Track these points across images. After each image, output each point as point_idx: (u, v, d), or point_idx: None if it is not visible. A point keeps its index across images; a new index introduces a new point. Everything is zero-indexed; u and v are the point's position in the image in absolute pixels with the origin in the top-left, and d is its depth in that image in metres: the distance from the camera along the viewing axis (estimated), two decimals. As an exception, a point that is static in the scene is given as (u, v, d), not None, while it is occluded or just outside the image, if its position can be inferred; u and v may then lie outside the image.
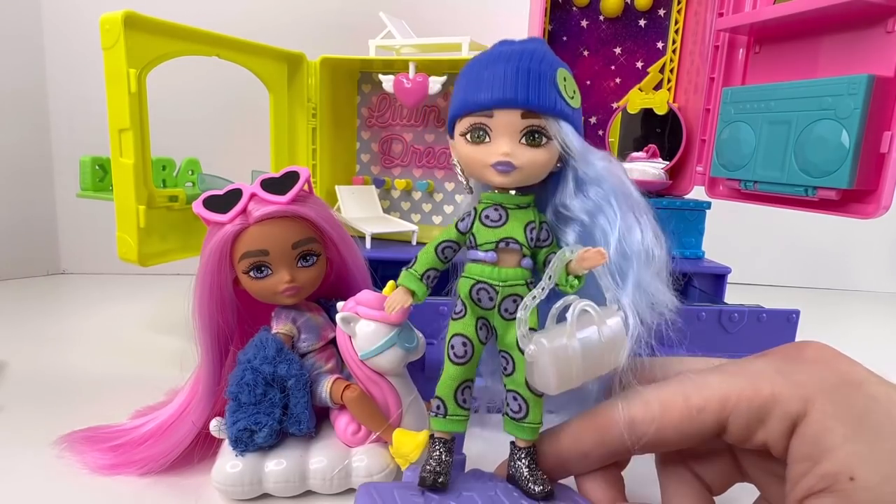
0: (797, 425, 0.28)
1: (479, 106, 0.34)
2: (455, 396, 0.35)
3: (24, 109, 0.98)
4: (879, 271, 1.20)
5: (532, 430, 0.35)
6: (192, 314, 0.43)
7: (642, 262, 0.35)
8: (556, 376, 0.32)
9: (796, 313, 0.57)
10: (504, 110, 0.33)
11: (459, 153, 0.36)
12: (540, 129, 0.34)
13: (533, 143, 0.34)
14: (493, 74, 0.33)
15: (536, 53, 0.34)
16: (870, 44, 0.50)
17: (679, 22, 0.71)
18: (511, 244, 0.35)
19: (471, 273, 0.36)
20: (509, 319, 0.35)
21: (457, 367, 0.35)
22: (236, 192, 0.42)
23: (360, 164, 0.87)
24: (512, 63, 0.33)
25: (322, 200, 0.46)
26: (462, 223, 0.37)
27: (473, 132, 0.34)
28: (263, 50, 0.74)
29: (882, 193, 0.49)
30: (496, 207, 0.36)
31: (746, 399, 0.29)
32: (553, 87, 0.33)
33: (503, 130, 0.34)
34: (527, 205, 0.36)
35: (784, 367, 0.30)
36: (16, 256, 1.01)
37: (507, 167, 0.34)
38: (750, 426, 0.29)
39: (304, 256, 0.43)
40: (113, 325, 0.80)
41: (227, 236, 0.41)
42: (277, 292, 0.43)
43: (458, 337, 0.35)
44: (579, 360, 0.32)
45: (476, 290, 0.35)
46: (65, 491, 0.42)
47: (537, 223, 0.36)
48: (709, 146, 0.66)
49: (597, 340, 0.32)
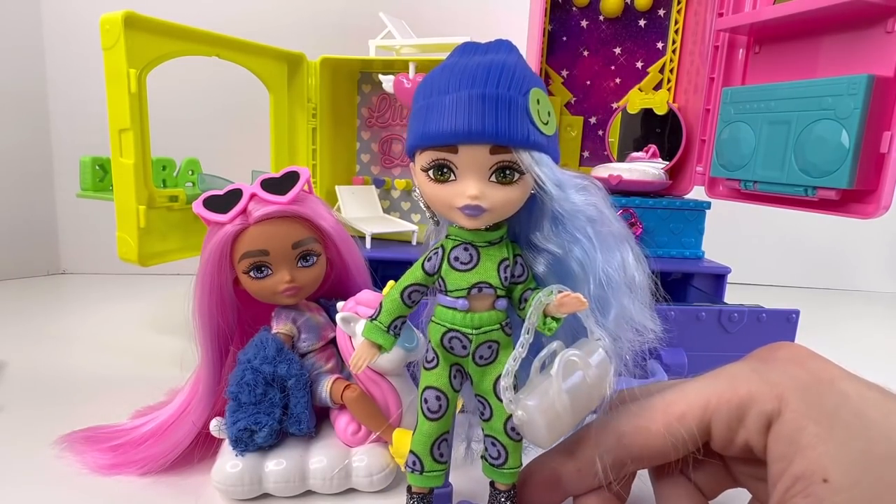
0: (772, 423, 0.28)
1: (442, 139, 0.30)
2: (431, 452, 0.34)
3: (25, 110, 0.98)
4: (879, 271, 1.20)
5: (511, 475, 0.34)
6: (192, 314, 0.43)
7: (624, 291, 0.33)
8: (547, 432, 0.31)
9: (796, 313, 0.57)
10: (470, 146, 0.29)
11: (421, 189, 0.32)
12: (511, 164, 0.30)
13: (504, 181, 0.30)
14: (457, 102, 0.29)
15: (506, 71, 0.29)
16: (870, 44, 0.50)
17: (679, 22, 0.71)
18: (484, 289, 0.32)
19: (441, 319, 0.33)
20: (484, 365, 0.34)
21: (431, 423, 0.34)
22: (236, 192, 0.42)
23: (360, 164, 0.87)
24: (477, 87, 0.29)
25: (322, 200, 0.46)
26: (429, 263, 0.33)
27: (436, 169, 0.31)
28: (263, 50, 0.74)
29: (882, 193, 0.49)
30: (466, 247, 0.33)
31: (726, 401, 0.29)
32: (525, 116, 0.29)
33: (470, 168, 0.30)
34: (499, 239, 0.33)
35: (759, 367, 0.31)
36: (16, 256, 1.01)
37: (476, 211, 0.30)
38: (731, 427, 0.29)
39: (304, 256, 0.43)
40: (113, 325, 0.80)
41: (228, 236, 0.41)
42: (277, 292, 0.43)
43: (431, 390, 0.34)
44: (569, 410, 0.31)
45: (448, 339, 0.33)
46: (64, 491, 0.41)
47: (511, 259, 0.33)
48: (709, 146, 0.66)
49: (583, 384, 0.31)
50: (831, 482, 0.25)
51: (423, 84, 0.31)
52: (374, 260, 0.50)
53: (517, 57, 0.31)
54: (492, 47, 0.31)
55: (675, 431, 0.30)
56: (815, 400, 0.27)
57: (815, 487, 0.25)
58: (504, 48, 0.31)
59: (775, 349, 0.32)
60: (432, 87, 0.30)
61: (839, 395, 0.27)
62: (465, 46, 0.32)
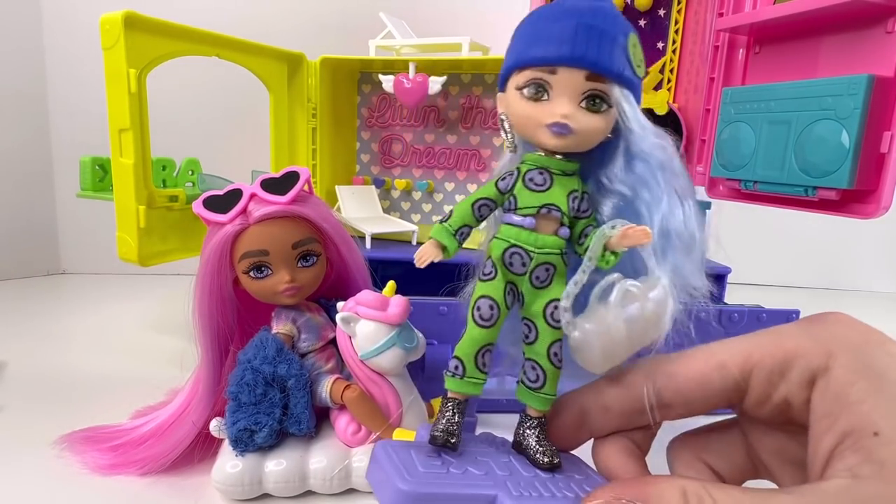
0: (817, 379, 0.28)
1: (543, 60, 0.31)
2: (475, 359, 0.34)
3: (24, 110, 0.98)
4: (879, 271, 1.20)
5: (546, 401, 0.34)
6: (192, 314, 0.43)
7: (683, 245, 0.33)
8: (601, 357, 0.31)
9: (796, 313, 0.57)
10: (569, 69, 0.31)
11: (512, 108, 0.34)
12: (603, 94, 0.32)
13: (593, 109, 0.32)
14: (563, 28, 0.31)
15: (609, 14, 0.32)
16: (870, 44, 0.50)
17: (679, 22, 0.71)
18: (553, 211, 0.33)
19: (506, 235, 0.34)
20: (539, 287, 0.34)
21: (481, 329, 0.34)
22: (236, 192, 0.42)
23: (360, 164, 0.87)
24: (584, 19, 0.31)
25: (322, 200, 0.46)
26: (503, 182, 0.35)
27: (532, 87, 0.32)
28: (263, 50, 0.74)
29: (882, 193, 0.49)
30: (541, 171, 0.34)
31: (769, 354, 0.30)
32: (623, 53, 0.31)
33: (564, 90, 0.32)
34: (572, 172, 0.34)
35: (808, 326, 0.31)
36: (16, 256, 1.01)
37: (564, 130, 0.32)
38: (772, 381, 0.29)
39: (304, 256, 0.43)
40: (113, 325, 0.80)
41: (227, 236, 0.41)
42: (277, 292, 0.43)
43: (486, 299, 0.34)
44: (624, 340, 0.31)
45: (509, 254, 0.34)
46: (64, 491, 0.41)
47: (580, 193, 0.34)
48: (709, 146, 0.66)
49: (641, 317, 0.31)
50: (882, 435, 0.25)
51: (530, 14, 0.33)
52: (374, 260, 0.50)
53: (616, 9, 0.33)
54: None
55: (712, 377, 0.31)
56: (865, 358, 0.28)
57: (865, 441, 0.25)
58: None
59: (824, 315, 0.32)
60: (540, 15, 0.33)
61: (889, 357, 0.28)
62: None
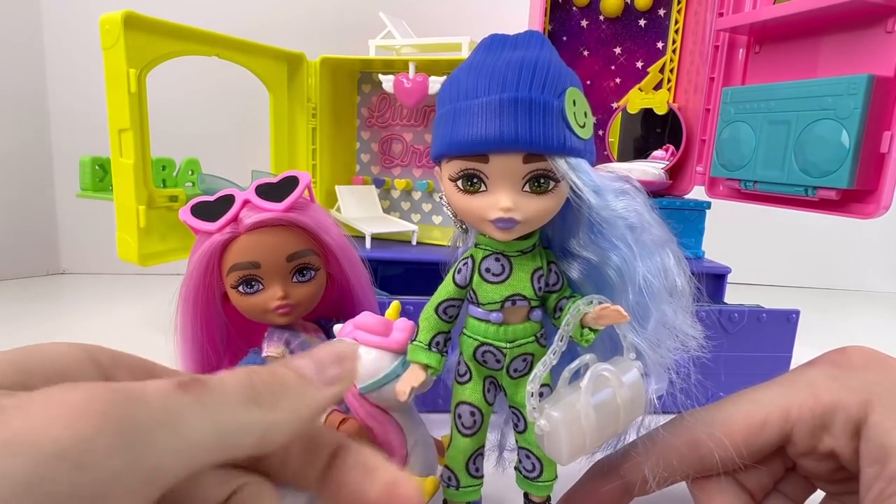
0: (860, 429, 0.28)
1: (471, 148, 0.27)
2: (467, 468, 0.33)
3: (25, 110, 0.98)
4: (879, 271, 1.20)
5: (546, 488, 0.33)
6: (175, 336, 0.39)
7: (664, 298, 0.31)
8: (567, 448, 0.28)
9: (796, 313, 0.57)
10: (502, 154, 0.27)
11: (450, 200, 0.30)
12: (546, 172, 0.28)
13: (538, 190, 0.28)
14: (486, 107, 0.26)
15: (539, 71, 0.27)
16: (870, 44, 0.50)
17: (679, 22, 0.71)
18: (518, 301, 0.31)
19: (474, 332, 0.31)
20: (518, 378, 0.32)
21: (466, 438, 0.32)
22: (228, 198, 0.38)
23: (360, 164, 0.87)
24: (508, 90, 0.26)
25: (324, 209, 0.42)
26: (459, 276, 0.32)
27: (465, 179, 0.28)
28: (263, 50, 0.74)
29: (882, 193, 0.49)
30: (497, 257, 0.31)
31: (808, 409, 0.30)
32: (561, 120, 0.27)
33: (502, 178, 0.28)
34: (531, 248, 0.31)
35: (836, 373, 0.31)
36: (16, 256, 1.01)
37: (509, 224, 0.28)
38: (815, 434, 0.30)
39: (300, 270, 0.38)
40: (113, 325, 0.80)
41: (215, 246, 0.37)
42: (269, 310, 0.37)
43: (465, 406, 0.32)
44: (594, 430, 0.28)
45: (481, 353, 0.31)
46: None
47: (545, 268, 0.31)
48: (709, 146, 0.66)
49: (613, 404, 0.29)
50: None
51: (448, 85, 0.29)
52: (374, 260, 0.50)
53: (550, 51, 0.28)
54: (521, 41, 0.28)
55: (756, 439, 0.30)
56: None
57: None
58: (535, 42, 0.28)
59: (847, 354, 0.32)
60: (458, 90, 0.28)
61: None
62: (493, 40, 0.29)
